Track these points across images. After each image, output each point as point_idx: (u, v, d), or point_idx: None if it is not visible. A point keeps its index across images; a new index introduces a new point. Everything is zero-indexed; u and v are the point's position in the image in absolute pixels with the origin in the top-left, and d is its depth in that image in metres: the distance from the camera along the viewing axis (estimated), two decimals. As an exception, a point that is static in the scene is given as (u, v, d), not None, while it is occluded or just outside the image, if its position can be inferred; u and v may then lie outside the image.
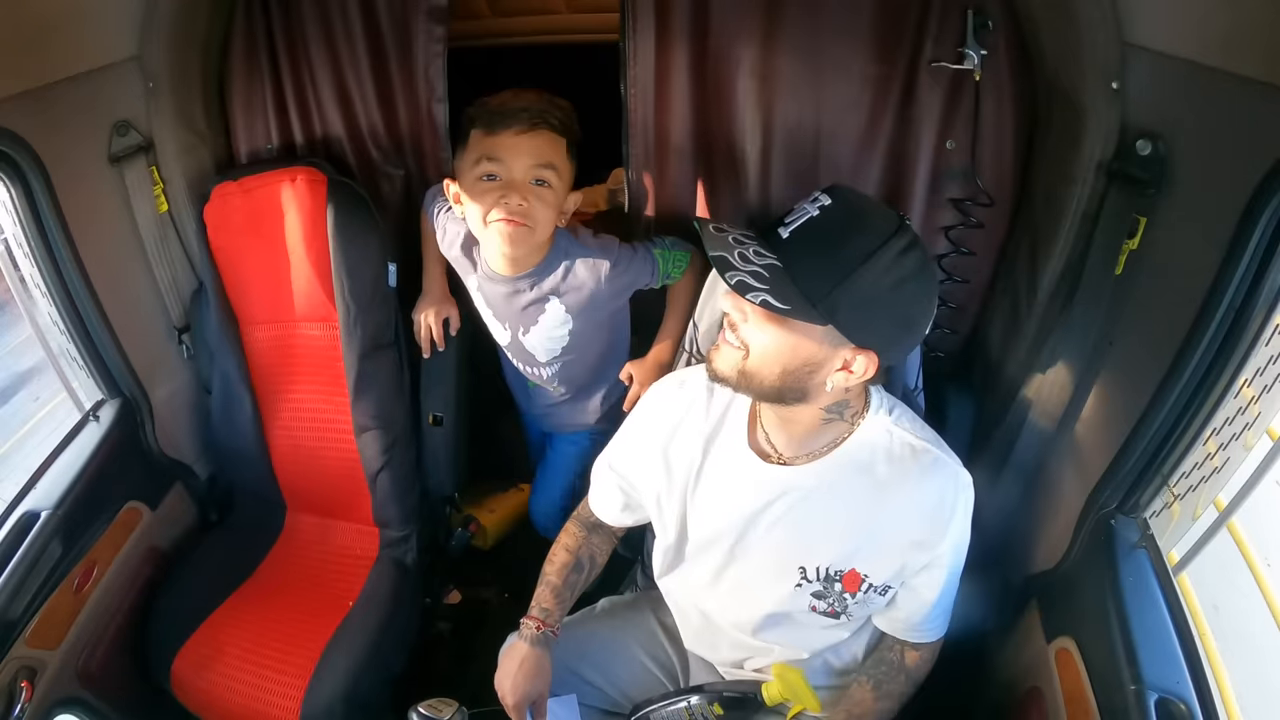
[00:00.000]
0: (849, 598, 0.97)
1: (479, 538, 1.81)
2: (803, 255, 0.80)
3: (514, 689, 1.05)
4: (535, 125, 1.12)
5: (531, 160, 1.13)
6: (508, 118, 1.12)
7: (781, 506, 0.97)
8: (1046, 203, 1.15)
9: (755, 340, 0.85)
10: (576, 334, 1.30)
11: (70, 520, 1.20)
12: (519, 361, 1.39)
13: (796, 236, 0.81)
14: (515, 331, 1.32)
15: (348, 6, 1.34)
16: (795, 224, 0.82)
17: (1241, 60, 0.80)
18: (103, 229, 1.29)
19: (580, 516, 1.19)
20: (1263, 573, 2.80)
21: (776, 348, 0.84)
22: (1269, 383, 0.95)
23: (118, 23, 1.20)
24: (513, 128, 1.12)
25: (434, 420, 1.48)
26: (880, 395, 0.97)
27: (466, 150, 1.16)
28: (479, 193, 1.14)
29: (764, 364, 0.86)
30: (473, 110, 1.16)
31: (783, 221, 0.83)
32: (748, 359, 0.87)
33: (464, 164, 1.17)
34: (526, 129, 1.12)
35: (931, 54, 1.17)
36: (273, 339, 1.45)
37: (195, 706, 1.32)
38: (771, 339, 0.84)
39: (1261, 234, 0.81)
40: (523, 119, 1.12)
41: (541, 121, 1.13)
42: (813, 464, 0.95)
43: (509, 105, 1.13)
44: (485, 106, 1.15)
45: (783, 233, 0.82)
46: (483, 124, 1.13)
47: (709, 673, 1.17)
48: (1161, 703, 0.86)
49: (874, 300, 0.81)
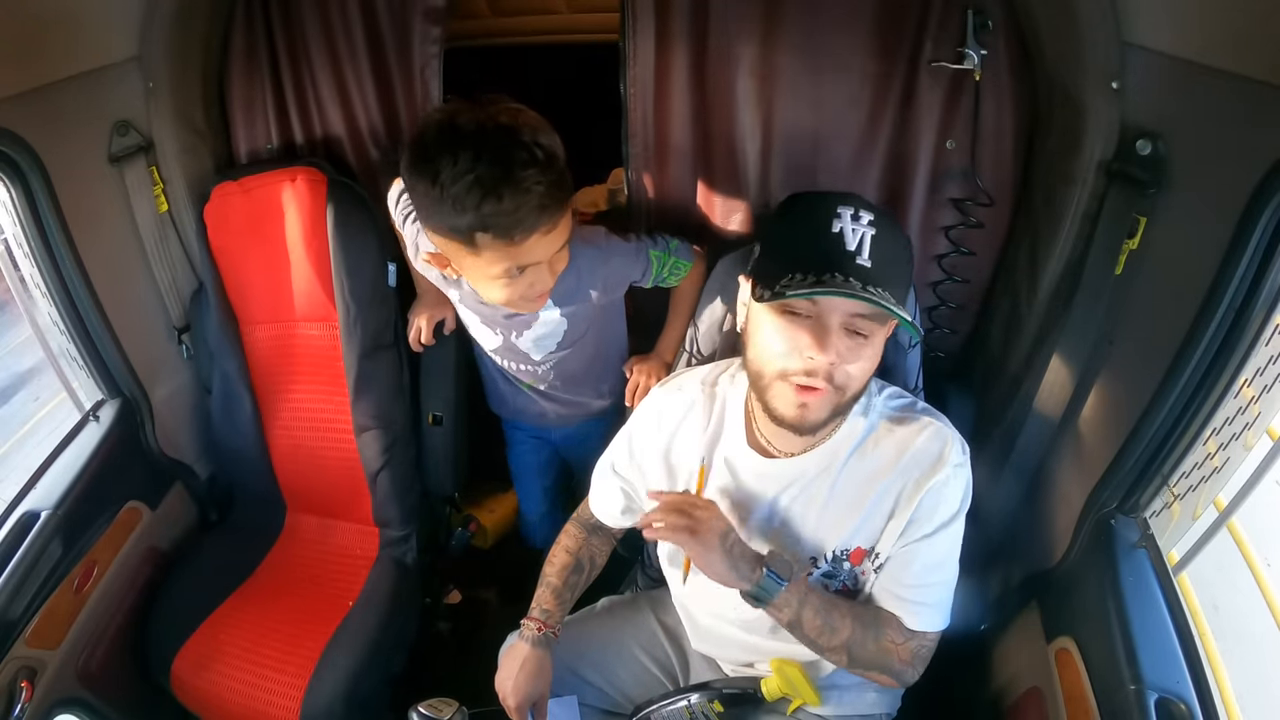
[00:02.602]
0: (856, 570, 0.98)
1: (479, 538, 1.81)
2: (887, 274, 0.82)
3: (515, 690, 1.05)
4: (555, 217, 0.97)
5: (558, 244, 1.01)
6: (529, 222, 0.94)
7: (785, 499, 0.97)
8: (1046, 203, 1.15)
9: (851, 369, 0.85)
10: (571, 330, 1.28)
11: (70, 520, 1.20)
12: (510, 362, 1.34)
13: (876, 259, 0.82)
14: (507, 335, 1.28)
15: (347, 7, 1.34)
16: (865, 248, 0.82)
17: (1241, 60, 0.80)
18: (103, 229, 1.29)
19: (580, 518, 1.19)
20: (1263, 573, 2.80)
21: (869, 366, 0.87)
22: (1269, 383, 0.95)
23: (118, 23, 1.20)
24: (538, 230, 0.96)
25: (434, 420, 1.48)
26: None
27: (479, 254, 0.97)
28: (500, 285, 1.01)
29: (857, 386, 0.87)
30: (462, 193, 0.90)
31: (846, 251, 0.82)
32: (845, 393, 0.86)
33: (472, 263, 0.99)
34: (552, 226, 0.97)
35: (931, 54, 1.17)
36: (273, 339, 1.45)
37: (195, 706, 1.32)
38: (866, 361, 0.86)
39: (1261, 234, 0.81)
40: (546, 219, 0.95)
41: (556, 207, 0.96)
42: (812, 452, 0.96)
43: (523, 207, 0.92)
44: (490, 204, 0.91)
45: (863, 262, 0.82)
46: (499, 233, 0.94)
47: (712, 671, 1.17)
48: (1161, 703, 0.86)
49: None
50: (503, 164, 0.89)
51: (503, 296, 1.03)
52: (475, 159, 0.88)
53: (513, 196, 0.90)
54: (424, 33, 1.32)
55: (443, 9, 1.31)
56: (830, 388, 0.85)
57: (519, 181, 0.90)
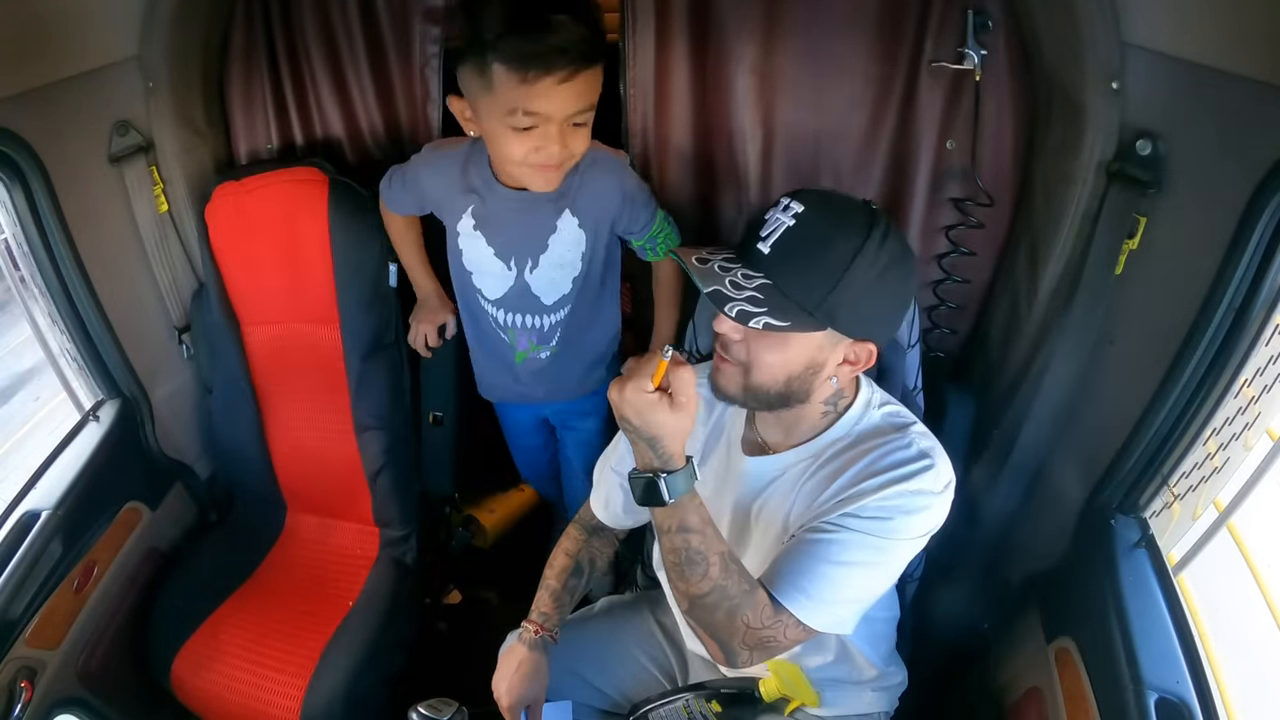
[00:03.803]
0: None
1: (479, 538, 1.81)
2: (790, 268, 0.81)
3: (509, 691, 1.05)
4: (577, 70, 0.93)
5: (574, 108, 0.98)
6: (546, 60, 0.91)
7: (769, 491, 0.97)
8: (1046, 203, 1.15)
9: (757, 357, 0.86)
10: (589, 259, 1.21)
11: (70, 520, 1.20)
12: (515, 315, 1.26)
13: (778, 250, 0.82)
14: (522, 268, 1.20)
15: (347, 7, 1.34)
16: (773, 237, 0.82)
17: (1241, 60, 0.80)
18: (103, 229, 1.29)
19: (581, 520, 1.19)
20: (1262, 573, 2.80)
21: (780, 360, 0.85)
22: (1269, 383, 0.95)
23: (118, 23, 1.20)
24: (554, 74, 0.92)
25: (434, 420, 1.48)
26: (872, 390, 0.97)
27: (492, 90, 0.95)
28: (509, 138, 0.99)
29: (768, 376, 0.86)
30: (488, 32, 0.91)
31: (758, 236, 0.83)
32: (750, 375, 0.87)
33: (486, 103, 0.98)
34: (568, 76, 0.93)
35: (932, 54, 1.17)
36: (273, 339, 1.45)
37: (195, 706, 1.32)
38: (774, 353, 0.85)
39: (1261, 234, 0.81)
40: (564, 63, 0.92)
41: (582, 61, 0.93)
42: (800, 447, 0.95)
43: (544, 42, 0.91)
44: (512, 34, 0.91)
45: (763, 249, 0.82)
46: (514, 65, 0.92)
47: (710, 672, 1.17)
48: (1161, 703, 0.86)
49: (865, 294, 0.82)
50: (535, 3, 0.91)
51: (508, 149, 1.01)
52: None
53: (536, 33, 0.91)
54: (424, 33, 1.33)
55: (442, 9, 1.31)
56: (735, 364, 0.87)
57: (545, 22, 0.90)
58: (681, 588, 0.85)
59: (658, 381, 0.81)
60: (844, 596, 0.85)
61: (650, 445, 0.81)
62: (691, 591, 0.84)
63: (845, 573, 0.84)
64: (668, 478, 0.81)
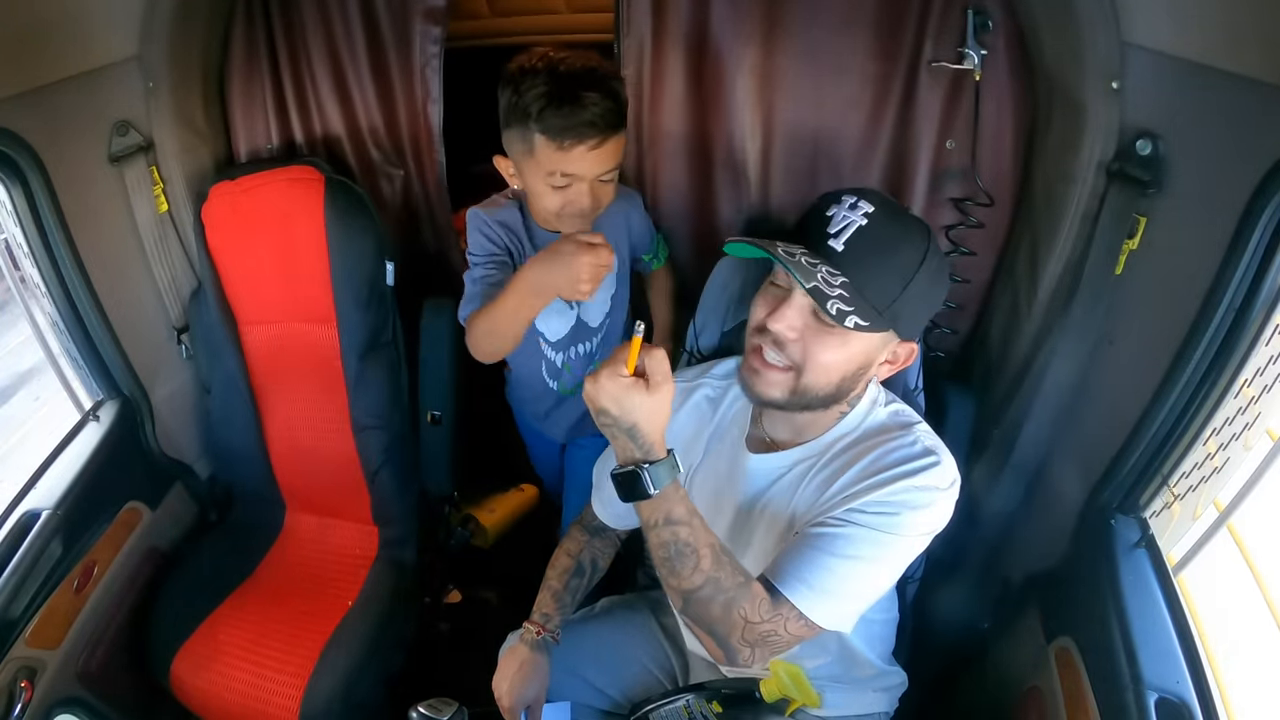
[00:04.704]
0: None
1: (479, 537, 1.81)
2: (865, 267, 0.81)
3: (510, 691, 1.05)
4: (605, 138, 1.06)
5: (602, 169, 1.10)
6: (579, 131, 1.04)
7: (775, 489, 0.97)
8: (1046, 202, 1.15)
9: (814, 358, 0.85)
10: (619, 278, 1.31)
11: (70, 520, 1.20)
12: (573, 348, 1.32)
13: (853, 248, 0.81)
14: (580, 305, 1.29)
15: (347, 7, 1.34)
16: (846, 234, 0.82)
17: (1241, 60, 0.80)
18: (102, 229, 1.29)
19: (583, 521, 1.19)
20: (1262, 573, 2.79)
21: (840, 359, 0.85)
22: (1269, 383, 0.94)
23: (118, 23, 1.20)
24: (586, 142, 1.05)
25: (432, 419, 1.48)
26: (879, 390, 0.97)
27: (534, 155, 1.08)
28: (548, 194, 1.12)
29: (822, 378, 0.86)
30: (532, 106, 1.04)
31: (827, 233, 0.83)
32: (802, 377, 0.86)
33: (529, 164, 1.10)
34: (598, 144, 1.06)
35: (931, 54, 1.17)
36: (271, 338, 1.45)
37: (195, 706, 1.32)
38: (833, 353, 0.84)
39: (1261, 234, 0.81)
40: (594, 134, 1.05)
41: (609, 130, 1.06)
42: (807, 444, 0.95)
43: (578, 117, 1.03)
44: (551, 110, 1.03)
45: (835, 245, 0.82)
46: (551, 135, 1.05)
47: (711, 672, 1.17)
48: (1161, 703, 0.86)
49: (923, 298, 0.86)
50: (570, 84, 1.04)
51: (547, 202, 1.13)
52: (550, 79, 1.04)
53: (570, 109, 1.04)
54: (425, 33, 1.33)
55: (443, 9, 1.31)
56: (784, 367, 0.85)
57: (578, 99, 1.03)
58: (674, 584, 0.83)
59: (632, 367, 0.80)
60: (847, 590, 0.84)
61: (630, 436, 0.80)
62: (684, 587, 0.82)
63: (849, 566, 0.83)
64: (650, 468, 0.79)
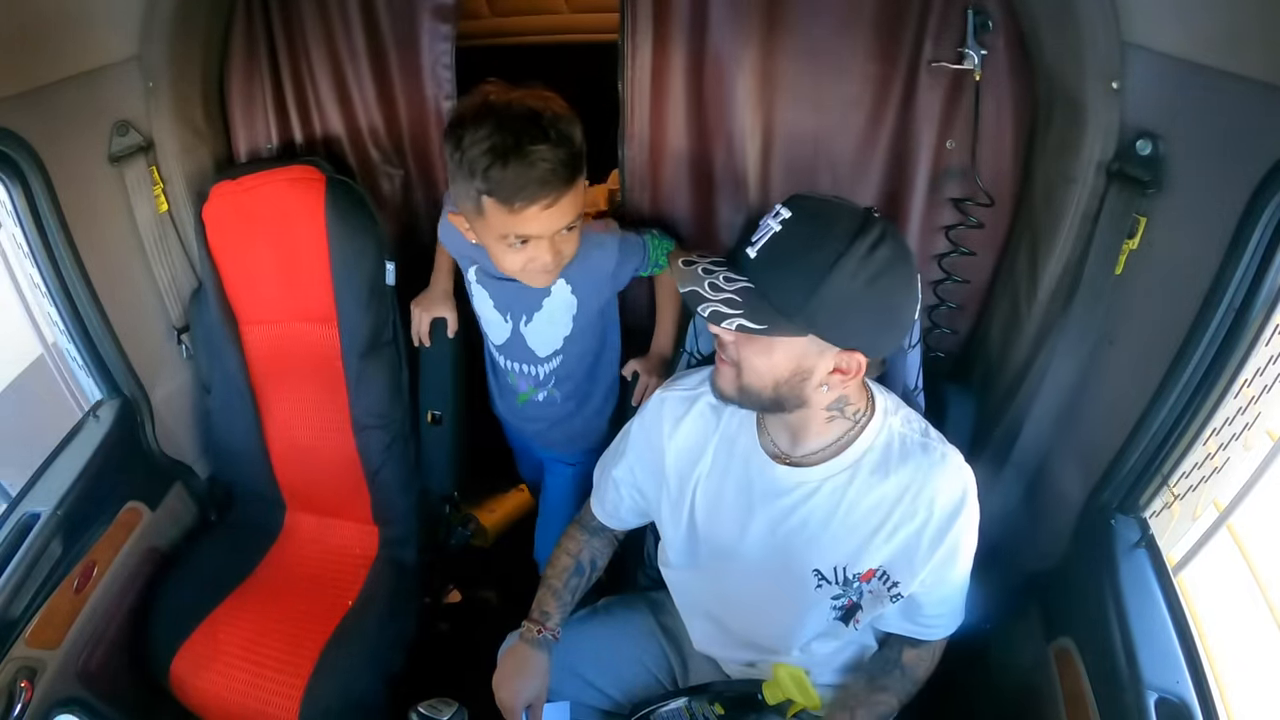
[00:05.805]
0: (865, 587, 0.97)
1: (479, 537, 1.81)
2: (771, 272, 0.82)
3: (510, 691, 1.05)
4: (559, 194, 1.01)
5: (560, 224, 1.04)
6: (529, 192, 0.98)
7: (788, 504, 0.97)
8: (1046, 202, 1.15)
9: (745, 360, 0.87)
10: (579, 319, 1.27)
11: (70, 520, 1.20)
12: (515, 363, 1.35)
13: (763, 255, 0.83)
14: (517, 322, 1.28)
15: (348, 6, 1.34)
16: (760, 242, 0.83)
17: (1241, 60, 0.80)
18: (103, 229, 1.29)
19: (582, 521, 1.19)
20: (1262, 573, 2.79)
21: (766, 364, 0.86)
22: (1269, 383, 0.95)
23: (118, 23, 1.20)
24: (538, 203, 1.00)
25: (433, 419, 1.48)
26: (885, 396, 0.97)
27: (484, 217, 1.03)
28: (506, 253, 1.07)
29: (757, 380, 0.88)
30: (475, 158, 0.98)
31: (749, 242, 0.84)
32: (741, 376, 0.89)
33: (480, 225, 1.05)
34: (551, 202, 1.00)
35: (931, 54, 1.17)
36: (272, 338, 1.45)
37: (194, 706, 1.32)
38: (760, 358, 0.86)
39: (1261, 234, 0.81)
40: (546, 193, 0.99)
41: (563, 186, 1.01)
42: (821, 465, 0.95)
43: (526, 176, 0.97)
44: (496, 169, 0.97)
45: (750, 253, 0.84)
46: (500, 198, 0.99)
47: (713, 672, 1.17)
48: (1161, 703, 0.86)
49: (849, 302, 0.81)
50: (515, 136, 0.97)
51: (506, 263, 1.08)
52: (494, 130, 0.97)
53: (517, 167, 0.97)
54: (434, 30, 1.32)
55: (452, 6, 1.31)
56: (731, 364, 0.89)
57: (526, 154, 0.96)
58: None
59: None
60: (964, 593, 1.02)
61: None
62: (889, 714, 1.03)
63: (955, 596, 1.01)
64: None
